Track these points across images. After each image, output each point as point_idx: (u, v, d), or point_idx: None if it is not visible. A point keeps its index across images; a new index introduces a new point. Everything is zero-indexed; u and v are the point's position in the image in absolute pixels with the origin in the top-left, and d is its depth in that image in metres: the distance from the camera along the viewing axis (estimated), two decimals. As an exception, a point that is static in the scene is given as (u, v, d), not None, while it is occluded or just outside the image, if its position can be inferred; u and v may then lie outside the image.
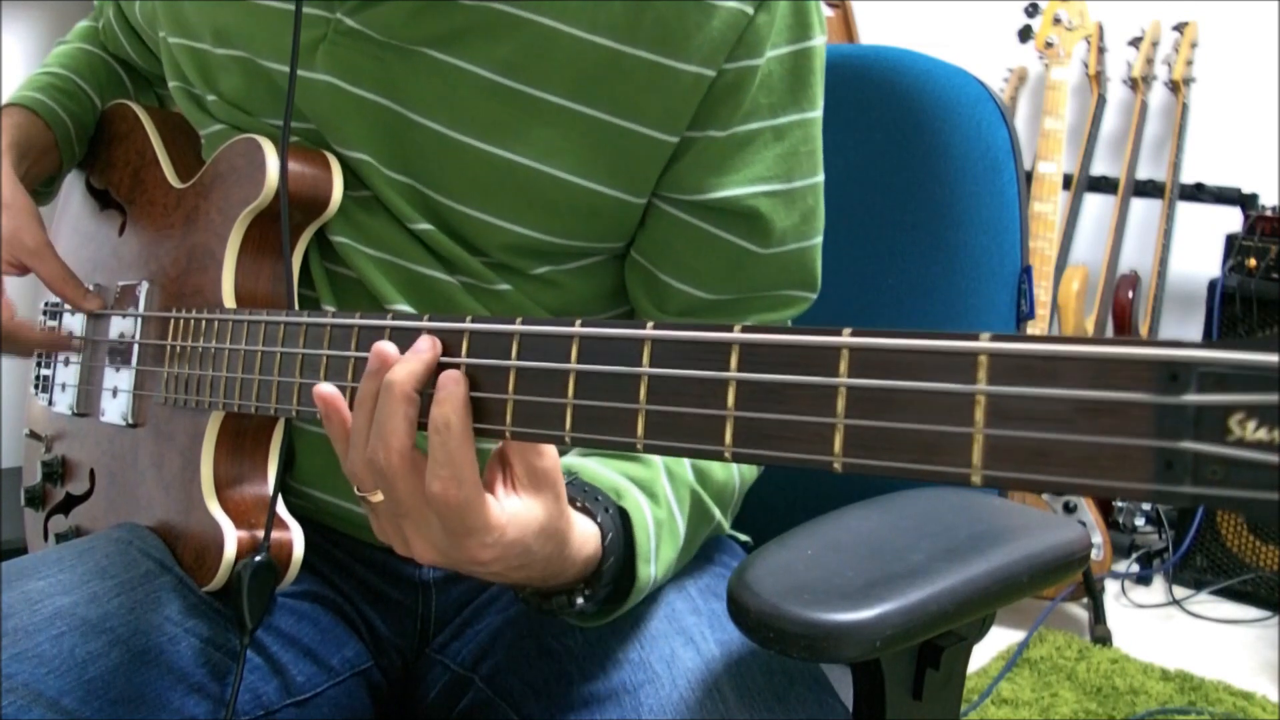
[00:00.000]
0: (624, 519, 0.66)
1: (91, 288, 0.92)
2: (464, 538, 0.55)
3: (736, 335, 0.46)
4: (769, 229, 0.77)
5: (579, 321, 0.51)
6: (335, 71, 0.75)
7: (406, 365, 0.55)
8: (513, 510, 0.56)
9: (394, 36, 0.73)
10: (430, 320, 0.57)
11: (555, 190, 0.74)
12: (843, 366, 0.42)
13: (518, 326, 0.53)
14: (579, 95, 0.72)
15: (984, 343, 0.39)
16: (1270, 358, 0.33)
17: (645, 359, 0.48)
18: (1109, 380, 0.36)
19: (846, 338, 0.42)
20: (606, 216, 0.76)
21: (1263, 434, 0.33)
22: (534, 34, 0.71)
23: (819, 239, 0.81)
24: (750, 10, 0.71)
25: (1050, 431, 0.37)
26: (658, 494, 0.69)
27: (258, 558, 0.73)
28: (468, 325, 0.56)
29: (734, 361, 0.46)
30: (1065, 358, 0.37)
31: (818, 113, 0.78)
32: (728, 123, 0.73)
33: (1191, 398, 0.34)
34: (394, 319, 0.60)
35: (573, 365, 0.51)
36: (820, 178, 0.80)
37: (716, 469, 0.76)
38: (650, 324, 0.49)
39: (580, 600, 0.64)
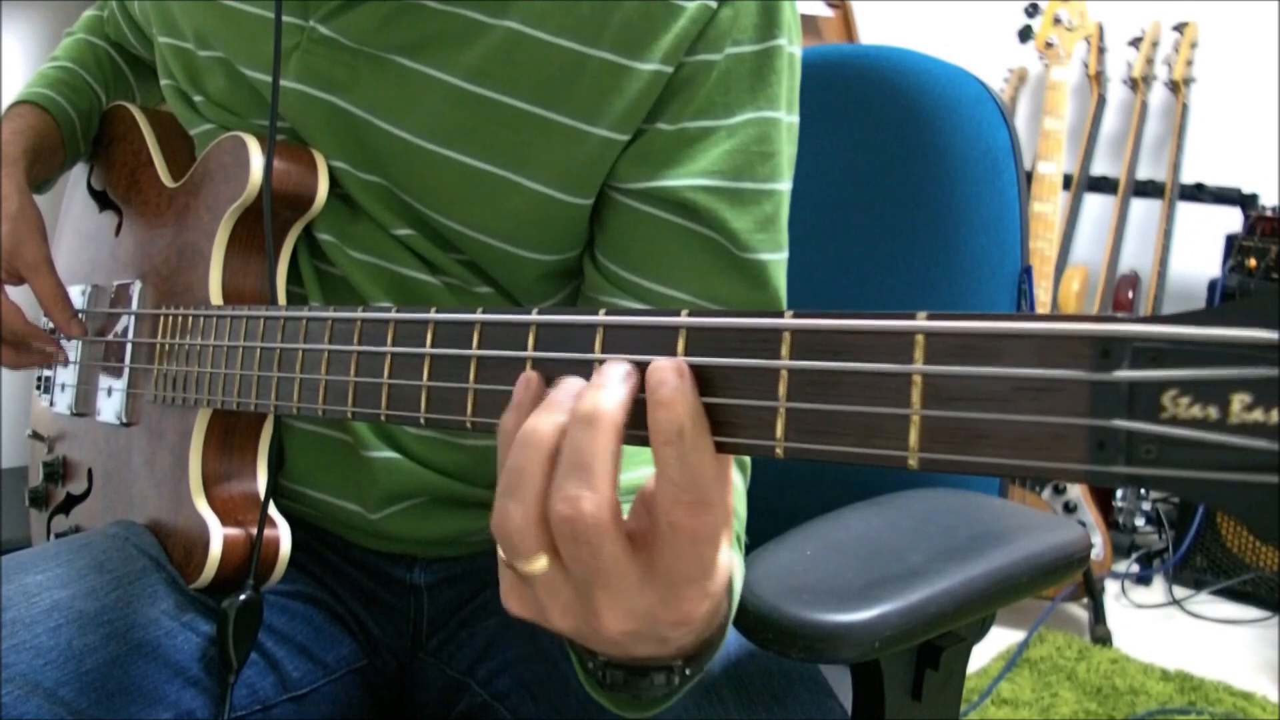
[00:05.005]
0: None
1: (90, 288, 0.92)
2: (687, 587, 0.44)
3: (683, 319, 0.44)
4: (725, 228, 0.70)
5: (535, 310, 0.50)
6: (306, 79, 0.75)
7: (614, 393, 0.44)
8: None
9: (366, 43, 0.73)
10: (399, 313, 0.56)
11: (517, 197, 0.72)
12: (784, 350, 0.41)
13: (479, 315, 0.52)
14: (543, 99, 0.71)
15: (920, 322, 0.37)
16: (1200, 331, 0.31)
17: (598, 346, 0.47)
18: (1047, 358, 0.35)
19: (788, 320, 0.41)
20: (560, 227, 0.74)
21: (1196, 411, 0.31)
22: (501, 38, 0.70)
23: (783, 255, 0.74)
24: (714, 4, 0.69)
25: (987, 412, 0.36)
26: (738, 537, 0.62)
27: (242, 596, 0.72)
28: (432, 316, 0.54)
29: (681, 346, 0.44)
30: (1003, 335, 0.36)
31: (780, 114, 0.73)
32: (676, 117, 0.70)
33: (1124, 374, 0.33)
34: (365, 311, 0.58)
35: (529, 353, 0.49)
36: (782, 186, 0.73)
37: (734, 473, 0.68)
38: (603, 310, 0.47)
39: (677, 679, 0.52)
